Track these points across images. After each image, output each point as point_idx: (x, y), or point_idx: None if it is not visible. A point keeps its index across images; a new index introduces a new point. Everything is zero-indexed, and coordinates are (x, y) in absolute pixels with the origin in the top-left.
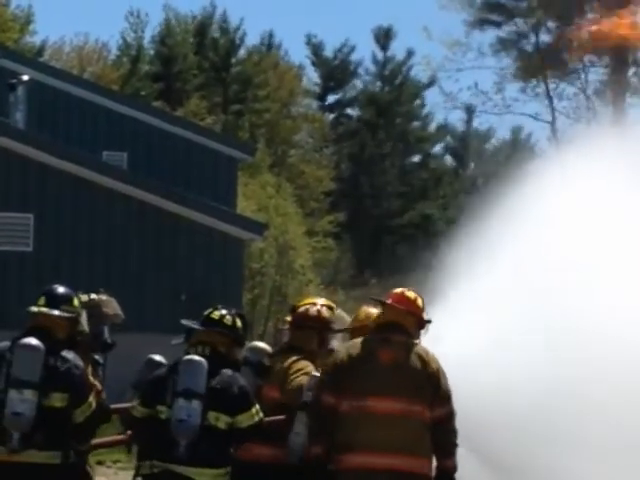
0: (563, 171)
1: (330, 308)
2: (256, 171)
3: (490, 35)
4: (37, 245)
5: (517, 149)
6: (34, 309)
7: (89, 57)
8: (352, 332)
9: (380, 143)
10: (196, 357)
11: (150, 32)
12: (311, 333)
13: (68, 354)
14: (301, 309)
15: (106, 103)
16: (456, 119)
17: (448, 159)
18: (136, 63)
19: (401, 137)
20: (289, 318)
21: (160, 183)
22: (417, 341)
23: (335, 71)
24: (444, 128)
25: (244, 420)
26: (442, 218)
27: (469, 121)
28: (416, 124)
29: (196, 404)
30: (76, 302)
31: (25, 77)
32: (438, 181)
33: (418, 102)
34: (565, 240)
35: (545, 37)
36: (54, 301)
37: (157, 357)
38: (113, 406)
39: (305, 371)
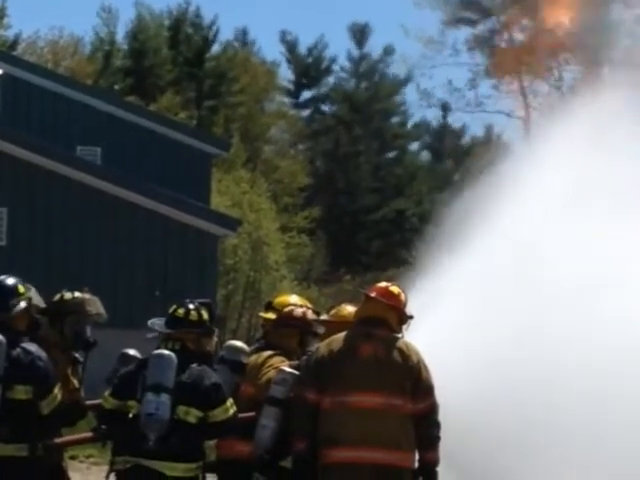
0: (536, 167)
1: (316, 313)
2: (230, 166)
3: (465, 32)
4: (10, 239)
5: (491, 146)
6: None
7: (63, 51)
8: (331, 326)
9: (355, 140)
10: (165, 351)
11: (124, 27)
12: (293, 332)
13: (30, 346)
14: (287, 309)
15: (80, 97)
16: (432, 116)
17: (425, 155)
18: (109, 58)
19: (377, 134)
20: (265, 314)
21: (134, 178)
22: (399, 335)
23: (309, 68)
24: (420, 125)
25: (219, 414)
26: (416, 214)
27: (444, 118)
28: (394, 120)
29: (165, 398)
30: (21, 289)
31: None
32: (412, 177)
33: (396, 99)
34: (539, 236)
35: (519, 35)
36: (3, 301)
37: (131, 351)
38: (89, 402)
39: (276, 366)
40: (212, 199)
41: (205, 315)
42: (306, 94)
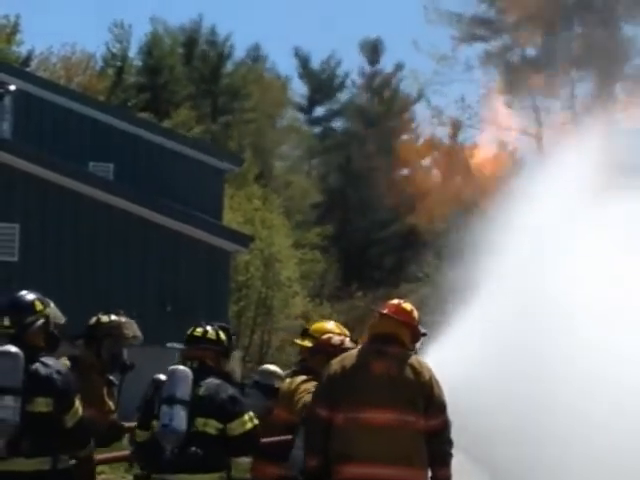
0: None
1: (354, 341)
2: (243, 182)
3: (477, 49)
4: (22, 255)
5: (503, 164)
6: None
7: (76, 67)
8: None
9: (368, 155)
10: (180, 367)
11: (136, 43)
12: (330, 359)
13: (49, 360)
14: (325, 336)
15: (93, 114)
16: (443, 133)
17: (435, 172)
18: (121, 74)
19: (389, 150)
20: (302, 342)
21: (146, 194)
22: (411, 352)
23: (322, 84)
24: (431, 142)
25: (237, 427)
26: (428, 231)
27: (455, 135)
28: (405, 138)
29: (178, 409)
30: (38, 305)
31: (12, 87)
32: (425, 194)
33: (407, 115)
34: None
35: (531, 51)
36: (18, 318)
37: (163, 377)
38: (126, 424)
39: (311, 391)
40: (224, 215)
41: (223, 336)
42: (319, 110)
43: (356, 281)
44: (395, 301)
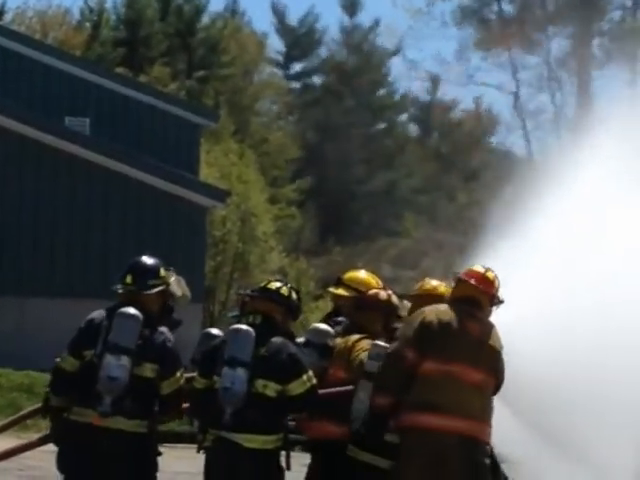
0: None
1: (400, 297)
2: (219, 138)
3: (452, 4)
4: None
5: (480, 120)
6: (120, 290)
7: (52, 22)
8: (416, 299)
9: (345, 111)
10: (243, 326)
11: None
12: (377, 316)
13: (162, 328)
14: (371, 292)
15: (69, 68)
16: (420, 88)
17: (412, 128)
18: (98, 28)
19: (366, 105)
20: (336, 290)
21: (123, 149)
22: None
23: (300, 39)
24: (408, 97)
25: (295, 388)
26: (406, 185)
27: (433, 91)
28: (381, 92)
29: (240, 372)
30: (162, 272)
31: None
32: (402, 149)
33: (383, 70)
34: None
35: (507, 6)
36: (142, 278)
37: (214, 331)
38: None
39: (366, 348)
40: (201, 170)
41: (294, 296)
42: (297, 66)
43: (334, 236)
44: (479, 269)
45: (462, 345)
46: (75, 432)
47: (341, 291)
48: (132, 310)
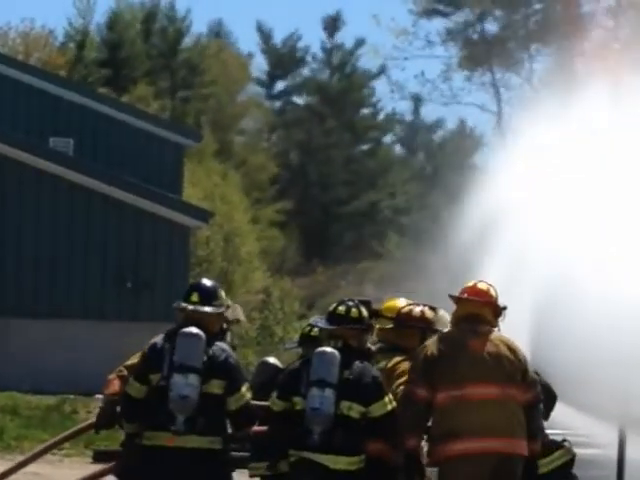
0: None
1: (432, 309)
2: (202, 157)
3: (437, 24)
4: None
5: (464, 139)
6: (190, 307)
7: (35, 43)
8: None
9: (328, 131)
10: (328, 349)
11: (97, 19)
12: (413, 332)
13: (223, 345)
14: (405, 309)
15: (53, 89)
16: (404, 108)
17: (397, 148)
18: (82, 49)
19: (349, 126)
20: (380, 325)
21: (106, 170)
22: (497, 329)
23: (283, 59)
24: (392, 117)
25: (377, 409)
26: (390, 206)
27: (416, 110)
28: (365, 112)
29: (329, 393)
30: (222, 294)
31: None
32: (385, 170)
33: (367, 91)
34: None
35: (491, 26)
36: (207, 298)
37: (271, 360)
38: (255, 403)
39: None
40: (184, 190)
41: (364, 312)
42: (280, 85)
43: (317, 257)
44: (471, 283)
45: (467, 365)
46: (149, 456)
47: (383, 324)
48: (195, 330)
